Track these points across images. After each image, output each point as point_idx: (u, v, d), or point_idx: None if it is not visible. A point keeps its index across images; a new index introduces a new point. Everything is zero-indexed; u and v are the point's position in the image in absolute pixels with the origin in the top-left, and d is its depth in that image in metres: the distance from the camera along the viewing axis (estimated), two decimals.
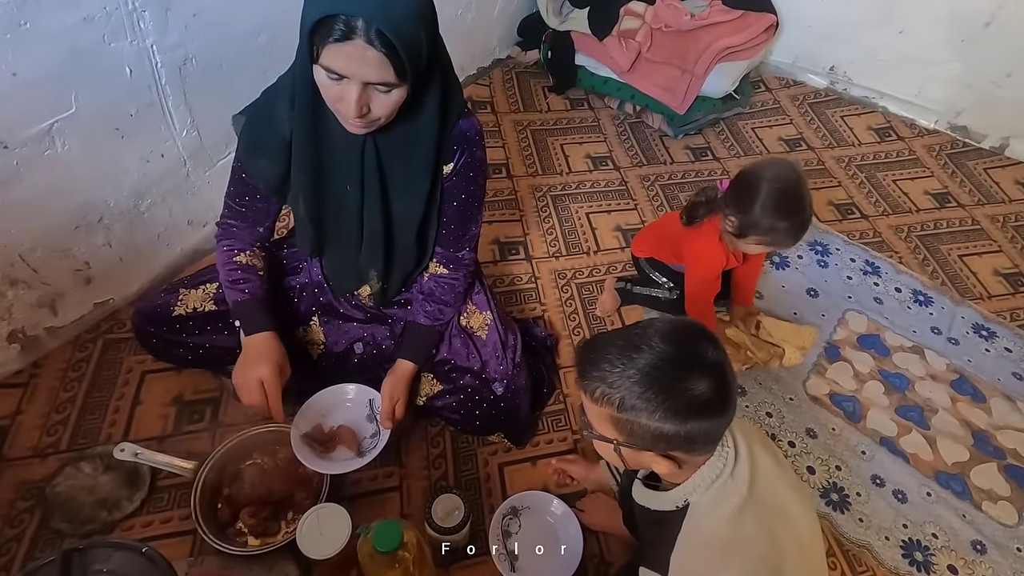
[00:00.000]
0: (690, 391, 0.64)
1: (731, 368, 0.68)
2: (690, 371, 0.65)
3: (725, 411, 0.67)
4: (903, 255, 1.76)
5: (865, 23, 2.14)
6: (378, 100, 0.81)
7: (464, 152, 0.99)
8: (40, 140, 1.10)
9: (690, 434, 0.66)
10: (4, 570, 1.04)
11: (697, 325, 0.71)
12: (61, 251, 1.24)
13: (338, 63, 0.76)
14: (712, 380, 0.65)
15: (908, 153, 2.12)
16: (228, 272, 1.06)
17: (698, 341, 0.67)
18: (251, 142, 1.00)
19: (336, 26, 0.73)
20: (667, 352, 0.66)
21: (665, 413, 0.64)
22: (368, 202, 0.99)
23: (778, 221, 1.14)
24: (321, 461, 1.05)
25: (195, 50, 1.25)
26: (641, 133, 2.11)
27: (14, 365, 1.28)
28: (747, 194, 1.16)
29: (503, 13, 2.21)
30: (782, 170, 1.16)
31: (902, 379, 1.45)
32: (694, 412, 0.65)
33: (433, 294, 1.12)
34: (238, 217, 1.07)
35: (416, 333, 1.12)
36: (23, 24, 0.98)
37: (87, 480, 1.13)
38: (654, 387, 0.64)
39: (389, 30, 0.74)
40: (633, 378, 0.65)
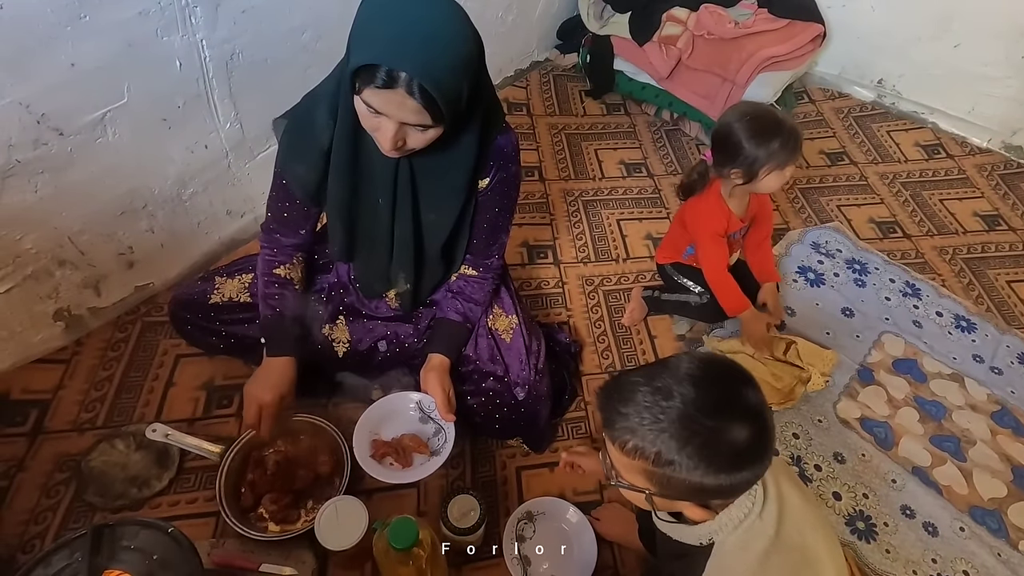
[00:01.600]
0: (732, 442, 0.60)
1: (769, 408, 0.64)
2: (730, 420, 0.60)
3: (767, 455, 0.63)
4: (946, 278, 1.70)
5: (919, 36, 2.07)
6: (414, 136, 0.83)
7: (500, 168, 1.00)
8: (93, 128, 1.15)
9: (733, 485, 0.63)
10: (40, 537, 1.09)
11: (729, 363, 0.66)
12: (107, 235, 1.29)
13: (377, 103, 0.78)
14: (753, 426, 0.61)
15: (957, 172, 2.04)
16: (265, 283, 1.10)
17: (734, 382, 0.63)
18: (290, 148, 1.02)
19: (379, 74, 0.74)
20: (702, 399, 0.60)
21: (708, 469, 0.60)
22: (399, 215, 1.01)
23: (770, 142, 1.18)
24: (402, 472, 1.05)
25: (242, 45, 1.28)
26: (677, 141, 2.08)
27: (58, 342, 1.34)
28: (729, 141, 1.22)
29: (544, 16, 2.21)
30: (740, 106, 1.24)
31: (939, 407, 1.40)
32: (738, 464, 0.61)
33: (463, 292, 1.13)
34: (280, 222, 1.09)
35: (447, 329, 1.13)
36: (83, 17, 1.03)
37: (120, 457, 1.18)
38: (694, 442, 0.60)
39: (430, 84, 0.74)
40: (668, 431, 0.60)
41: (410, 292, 1.14)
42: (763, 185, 1.24)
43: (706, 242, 1.34)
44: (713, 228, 1.32)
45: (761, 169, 1.20)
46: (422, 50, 0.74)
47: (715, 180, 1.31)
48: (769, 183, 1.24)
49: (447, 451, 1.06)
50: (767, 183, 1.24)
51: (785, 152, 1.19)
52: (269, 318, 1.08)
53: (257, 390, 1.04)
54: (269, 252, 1.11)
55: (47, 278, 1.24)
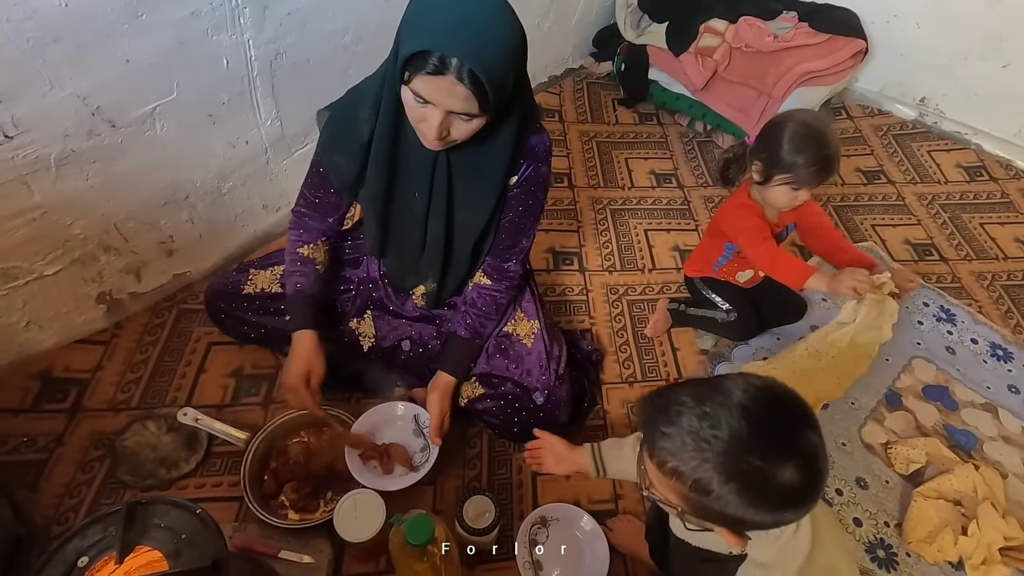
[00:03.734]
0: (780, 485, 0.56)
1: (824, 453, 0.59)
2: (781, 463, 0.56)
3: (815, 499, 0.60)
4: (984, 304, 1.65)
5: (966, 55, 2.01)
6: (458, 126, 0.85)
7: (530, 167, 1.02)
8: (143, 121, 1.20)
9: (775, 522, 0.60)
10: (74, 510, 1.14)
11: (790, 397, 0.60)
12: (150, 224, 1.35)
13: (426, 91, 0.80)
14: (805, 471, 0.57)
15: (1000, 195, 1.98)
16: (290, 261, 1.14)
17: (791, 423, 0.58)
18: (332, 138, 1.05)
19: (430, 60, 0.77)
20: (753, 437, 0.56)
21: (749, 506, 0.57)
22: (434, 210, 1.03)
23: (798, 155, 1.14)
24: (379, 479, 1.10)
25: (286, 46, 1.33)
26: (710, 153, 2.07)
27: (99, 324, 1.40)
28: (772, 134, 1.18)
29: (580, 23, 2.22)
30: (808, 113, 1.17)
31: (969, 437, 1.36)
32: (783, 505, 0.58)
33: (475, 305, 1.14)
34: (311, 207, 1.13)
35: (457, 346, 1.15)
36: (140, 16, 1.07)
37: (152, 438, 1.22)
38: (738, 480, 0.56)
39: (481, 71, 0.76)
40: (712, 462, 0.57)
41: (435, 290, 1.16)
42: (771, 194, 1.21)
43: (746, 232, 1.25)
44: (748, 224, 1.25)
45: (776, 176, 1.17)
46: (474, 38, 0.77)
47: (746, 180, 1.27)
48: (777, 195, 1.20)
49: (425, 470, 1.11)
50: (775, 194, 1.20)
51: (806, 173, 1.14)
52: (291, 295, 1.12)
53: (287, 378, 1.08)
54: (296, 234, 1.15)
55: (93, 263, 1.30)
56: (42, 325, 1.30)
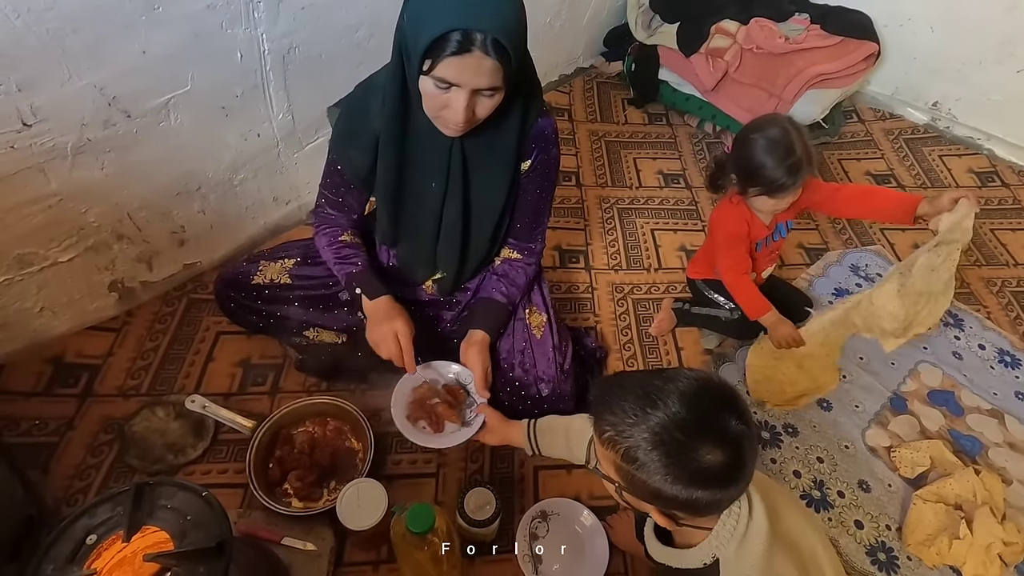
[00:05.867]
0: (697, 461, 0.62)
1: (752, 441, 0.65)
2: (703, 440, 0.62)
3: (734, 484, 0.65)
4: (992, 310, 1.64)
5: (979, 59, 2.00)
6: (482, 104, 0.86)
7: (541, 150, 1.03)
8: (158, 112, 1.22)
9: (691, 501, 0.64)
10: (83, 492, 1.16)
11: (726, 389, 0.67)
12: (163, 213, 1.37)
13: (451, 74, 0.81)
14: (726, 453, 0.62)
15: (1012, 201, 1.96)
16: (337, 251, 1.15)
17: (722, 409, 0.64)
18: (344, 132, 1.06)
19: (452, 40, 0.77)
20: (682, 416, 0.63)
21: (666, 477, 0.63)
22: (450, 199, 1.04)
23: (765, 167, 1.14)
24: (432, 437, 1.07)
25: (300, 40, 1.34)
26: (718, 154, 2.06)
27: (111, 312, 1.42)
28: (739, 149, 1.20)
29: (592, 23, 2.22)
30: (771, 122, 1.18)
31: (975, 442, 1.35)
32: (698, 482, 0.63)
33: (507, 275, 1.16)
34: (333, 206, 1.15)
35: (491, 307, 1.15)
36: (157, 8, 1.09)
37: (160, 424, 1.24)
38: (660, 448, 0.63)
39: (504, 38, 0.78)
40: (642, 434, 0.64)
41: (450, 278, 1.18)
42: (755, 203, 1.22)
43: (721, 245, 1.31)
44: (729, 230, 1.28)
45: (752, 185, 1.18)
46: (489, 7, 0.78)
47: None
48: (760, 203, 1.21)
49: (477, 424, 1.08)
50: (758, 203, 1.21)
51: (776, 173, 1.13)
52: (355, 273, 1.12)
53: (385, 325, 1.06)
54: (328, 228, 1.16)
55: (106, 251, 1.32)
56: (55, 311, 1.33)
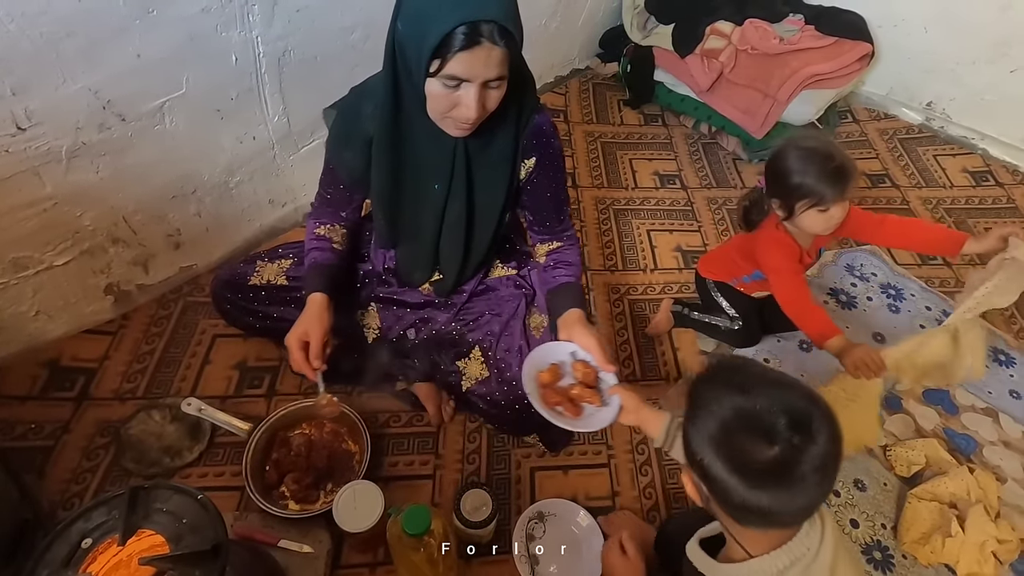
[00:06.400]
0: (750, 452, 0.61)
1: (814, 447, 0.61)
2: (760, 432, 0.61)
3: (788, 485, 0.62)
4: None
5: (973, 60, 2.01)
6: (490, 96, 0.86)
7: (542, 146, 1.04)
8: (153, 115, 1.22)
9: (747, 500, 0.62)
10: (79, 496, 1.16)
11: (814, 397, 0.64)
12: (158, 217, 1.37)
13: (461, 69, 0.80)
14: (782, 448, 0.60)
15: (1006, 200, 1.97)
16: (308, 242, 1.16)
17: (787, 408, 0.62)
18: (338, 136, 1.07)
19: (459, 35, 0.77)
20: (746, 407, 0.62)
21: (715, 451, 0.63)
22: (453, 199, 1.04)
23: (812, 176, 1.09)
24: (578, 421, 0.97)
25: (294, 43, 1.34)
26: (714, 155, 2.07)
27: (107, 315, 1.42)
28: (778, 167, 1.15)
29: (587, 24, 2.23)
30: (802, 135, 1.16)
31: (969, 441, 1.36)
32: (749, 473, 0.62)
33: (560, 261, 1.14)
34: (325, 203, 1.16)
35: (567, 290, 1.11)
36: (151, 11, 1.09)
37: (156, 427, 1.24)
38: (721, 430, 0.63)
39: (509, 23, 0.78)
40: (723, 410, 0.64)
41: (451, 279, 1.18)
42: (803, 222, 1.15)
43: (779, 269, 1.23)
44: (785, 257, 1.22)
45: (798, 204, 1.12)
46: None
47: (772, 216, 1.22)
48: (810, 222, 1.14)
49: (616, 403, 0.96)
50: (807, 221, 1.14)
51: (823, 185, 1.09)
52: (307, 268, 1.13)
53: (294, 332, 1.05)
54: (313, 220, 1.17)
55: (101, 254, 1.32)
56: (51, 315, 1.33)
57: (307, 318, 1.07)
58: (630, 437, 1.33)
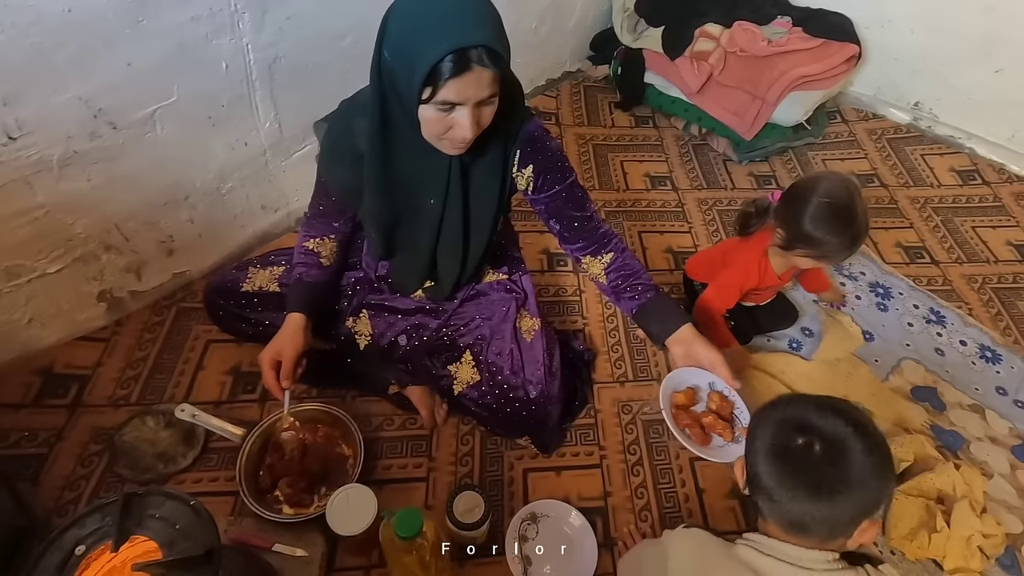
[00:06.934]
0: (807, 457, 0.69)
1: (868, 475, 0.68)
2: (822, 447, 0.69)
3: (827, 498, 0.68)
4: (974, 307, 1.66)
5: (959, 60, 2.03)
6: (484, 114, 0.87)
7: (537, 152, 1.03)
8: (144, 123, 1.22)
9: (788, 501, 0.70)
10: (73, 503, 1.16)
11: (854, 410, 0.73)
12: (150, 223, 1.37)
13: (453, 94, 0.80)
14: (825, 449, 0.69)
15: (993, 199, 1.99)
16: (296, 255, 1.18)
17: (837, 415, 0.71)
18: (330, 151, 1.07)
19: (447, 63, 0.77)
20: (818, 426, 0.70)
21: (762, 445, 0.72)
22: (449, 210, 1.05)
23: (826, 235, 1.12)
24: (706, 449, 1.03)
25: (285, 50, 1.35)
26: (704, 156, 2.09)
27: (100, 322, 1.42)
28: (796, 207, 1.15)
29: (578, 27, 2.24)
30: (834, 184, 1.13)
31: (956, 437, 1.37)
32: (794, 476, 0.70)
33: (624, 277, 1.12)
34: (318, 214, 1.16)
35: (657, 305, 1.11)
36: (141, 21, 1.10)
37: (150, 433, 1.25)
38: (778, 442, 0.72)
39: (496, 44, 0.79)
40: (773, 417, 0.74)
41: (448, 286, 1.19)
42: (792, 258, 1.21)
43: (724, 287, 1.32)
44: (737, 282, 1.29)
45: (801, 247, 1.17)
46: (474, 21, 0.78)
47: (768, 229, 1.26)
48: (799, 261, 1.20)
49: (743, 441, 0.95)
50: (799, 260, 1.20)
51: (834, 251, 1.15)
52: (291, 284, 1.15)
53: (268, 350, 1.09)
54: (304, 231, 1.18)
55: (94, 261, 1.32)
56: (44, 322, 1.33)
57: (282, 338, 1.10)
58: (622, 438, 1.34)
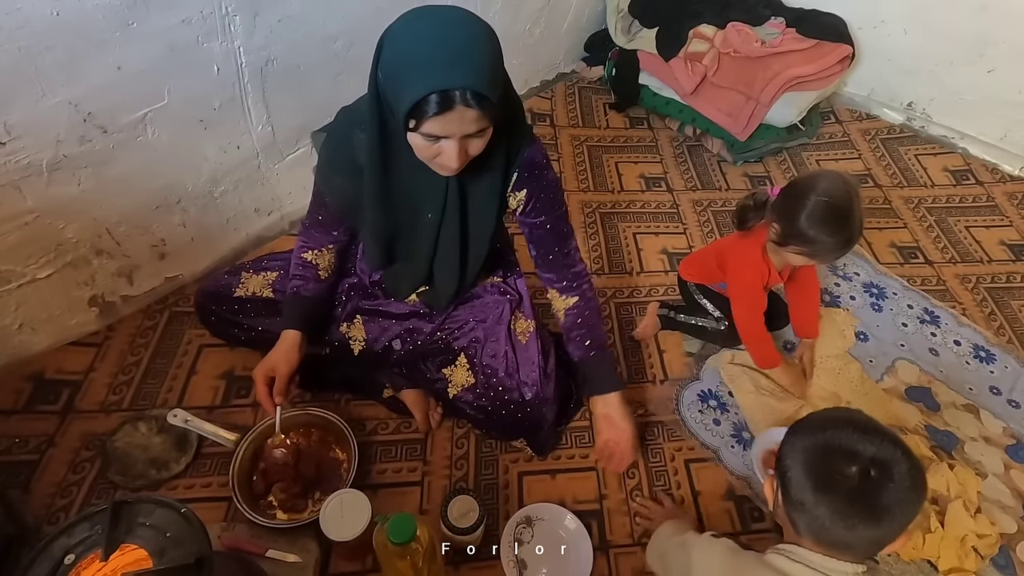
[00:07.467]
0: (844, 478, 0.70)
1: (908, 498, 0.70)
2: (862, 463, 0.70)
3: (885, 521, 0.69)
4: (967, 307, 1.67)
5: (951, 60, 2.04)
6: (473, 144, 0.86)
7: (533, 179, 1.02)
8: (135, 127, 1.21)
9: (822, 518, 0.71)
10: (65, 510, 1.15)
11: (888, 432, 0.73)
12: (142, 227, 1.36)
13: (438, 129, 0.80)
14: (862, 472, 0.69)
15: (986, 199, 2.00)
16: (293, 266, 1.17)
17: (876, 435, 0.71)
18: (328, 162, 1.06)
19: (432, 102, 0.76)
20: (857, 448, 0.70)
21: (807, 478, 0.72)
22: (447, 226, 1.04)
23: (821, 234, 1.12)
24: None
25: (277, 52, 1.34)
26: (699, 157, 2.09)
27: (92, 327, 1.41)
28: (794, 203, 1.15)
29: (572, 28, 2.24)
30: (833, 184, 1.13)
31: (951, 437, 1.38)
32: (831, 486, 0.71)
33: (577, 326, 1.14)
34: (316, 223, 1.15)
35: (592, 366, 1.16)
36: (131, 24, 1.09)
37: (142, 439, 1.24)
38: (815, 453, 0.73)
39: (483, 88, 0.77)
40: (814, 444, 0.73)
41: (446, 295, 1.18)
42: (784, 253, 1.21)
43: (744, 295, 1.30)
44: (753, 282, 1.28)
45: (794, 244, 1.17)
46: (461, 60, 0.76)
47: (765, 225, 1.25)
48: (791, 257, 1.21)
49: None
50: (790, 255, 1.20)
51: (826, 251, 1.15)
52: (288, 297, 1.15)
53: (263, 365, 1.09)
54: (302, 240, 1.17)
55: (85, 266, 1.31)
56: (35, 328, 1.32)
57: (277, 354, 1.10)
58: None
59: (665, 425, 1.37)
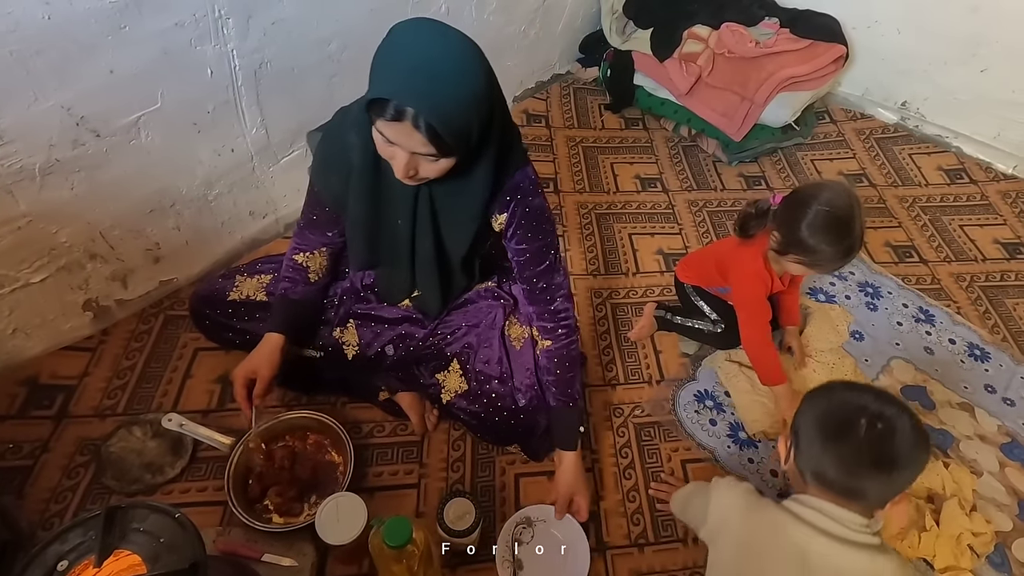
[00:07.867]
0: (849, 420, 0.77)
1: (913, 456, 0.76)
2: (870, 419, 0.76)
3: (887, 470, 0.75)
4: (962, 305, 1.67)
5: (945, 59, 2.04)
6: (425, 166, 0.86)
7: (517, 203, 1.00)
8: (128, 130, 1.21)
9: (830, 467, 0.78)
10: (59, 515, 1.15)
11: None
12: (136, 231, 1.36)
13: (389, 134, 0.82)
14: (872, 425, 0.76)
15: (980, 198, 2.01)
16: (284, 268, 1.17)
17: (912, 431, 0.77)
18: (323, 161, 1.06)
19: (388, 108, 0.78)
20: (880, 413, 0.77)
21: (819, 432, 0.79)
22: (420, 236, 1.04)
23: (821, 243, 1.12)
24: None
25: (271, 55, 1.34)
26: (694, 157, 2.09)
27: (86, 331, 1.41)
28: (796, 212, 1.15)
29: (567, 29, 2.24)
30: (836, 194, 1.13)
31: (946, 436, 1.38)
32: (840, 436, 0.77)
33: (550, 371, 1.12)
34: (311, 224, 1.15)
35: (556, 419, 1.15)
36: (123, 27, 1.09)
37: (137, 444, 1.23)
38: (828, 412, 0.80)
39: (436, 122, 0.77)
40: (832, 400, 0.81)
41: (435, 304, 1.18)
42: (784, 262, 1.20)
43: (748, 306, 1.29)
44: (759, 295, 1.28)
45: (794, 253, 1.16)
46: (428, 87, 0.77)
47: (767, 232, 1.23)
48: (790, 266, 1.21)
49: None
50: (789, 265, 1.20)
51: (826, 261, 1.15)
52: (276, 299, 1.15)
53: (243, 366, 1.09)
54: (295, 242, 1.18)
55: (79, 270, 1.31)
56: (29, 332, 1.31)
57: (258, 356, 1.10)
58: (613, 441, 1.34)
59: (661, 426, 1.38)
